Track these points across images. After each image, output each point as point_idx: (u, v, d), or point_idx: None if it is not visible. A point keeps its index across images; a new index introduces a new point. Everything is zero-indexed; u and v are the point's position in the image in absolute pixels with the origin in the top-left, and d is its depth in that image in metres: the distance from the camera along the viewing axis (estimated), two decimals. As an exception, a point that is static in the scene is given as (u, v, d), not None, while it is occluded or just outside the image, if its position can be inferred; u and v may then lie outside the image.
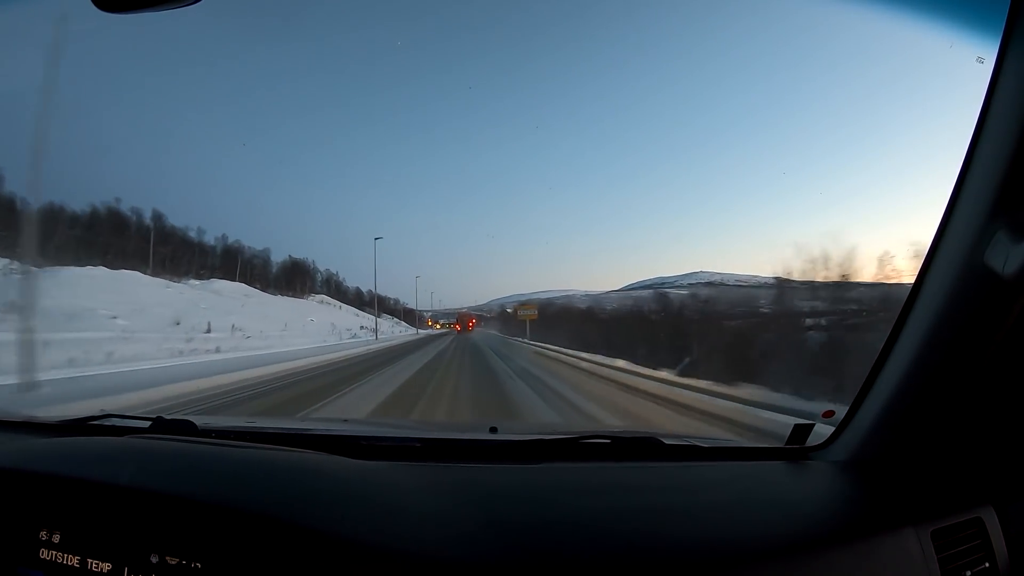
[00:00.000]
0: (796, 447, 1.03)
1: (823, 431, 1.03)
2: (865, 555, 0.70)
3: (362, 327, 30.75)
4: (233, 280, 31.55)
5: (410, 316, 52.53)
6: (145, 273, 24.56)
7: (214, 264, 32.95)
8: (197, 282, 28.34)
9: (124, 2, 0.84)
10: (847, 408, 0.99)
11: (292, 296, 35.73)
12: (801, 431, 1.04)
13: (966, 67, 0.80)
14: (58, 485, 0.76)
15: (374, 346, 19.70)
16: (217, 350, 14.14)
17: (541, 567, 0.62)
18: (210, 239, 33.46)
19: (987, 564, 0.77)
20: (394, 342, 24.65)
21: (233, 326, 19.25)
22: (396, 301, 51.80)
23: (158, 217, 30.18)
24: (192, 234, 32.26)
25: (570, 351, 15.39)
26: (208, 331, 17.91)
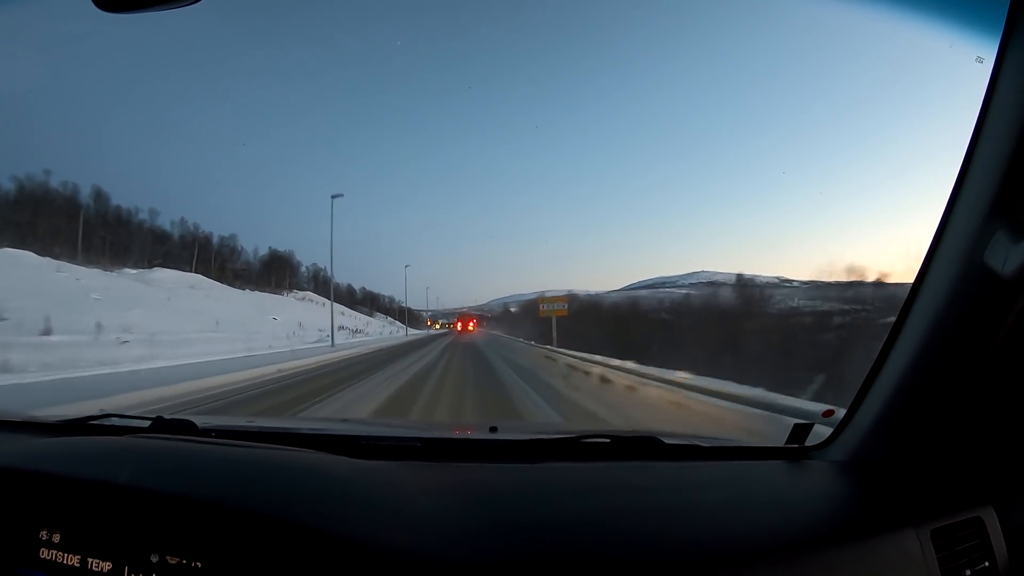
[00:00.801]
0: (796, 447, 1.03)
1: (823, 431, 1.03)
2: (865, 554, 0.70)
3: (341, 327, 25.02)
4: (188, 270, 26.62)
5: (407, 315, 47.84)
6: (72, 260, 19.99)
7: (178, 253, 27.53)
8: (132, 271, 23.69)
9: (124, 2, 0.84)
10: (847, 408, 0.99)
11: (268, 291, 31.32)
12: (801, 431, 1.04)
13: (966, 67, 0.80)
14: (58, 485, 0.76)
15: (313, 359, 12.41)
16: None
17: (541, 566, 0.62)
18: (165, 223, 28.33)
19: (987, 563, 0.77)
20: (358, 350, 16.65)
21: (99, 324, 13.27)
22: (391, 299, 47.54)
23: (100, 197, 25.08)
24: (143, 217, 27.08)
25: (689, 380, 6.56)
26: (47, 332, 11.98)
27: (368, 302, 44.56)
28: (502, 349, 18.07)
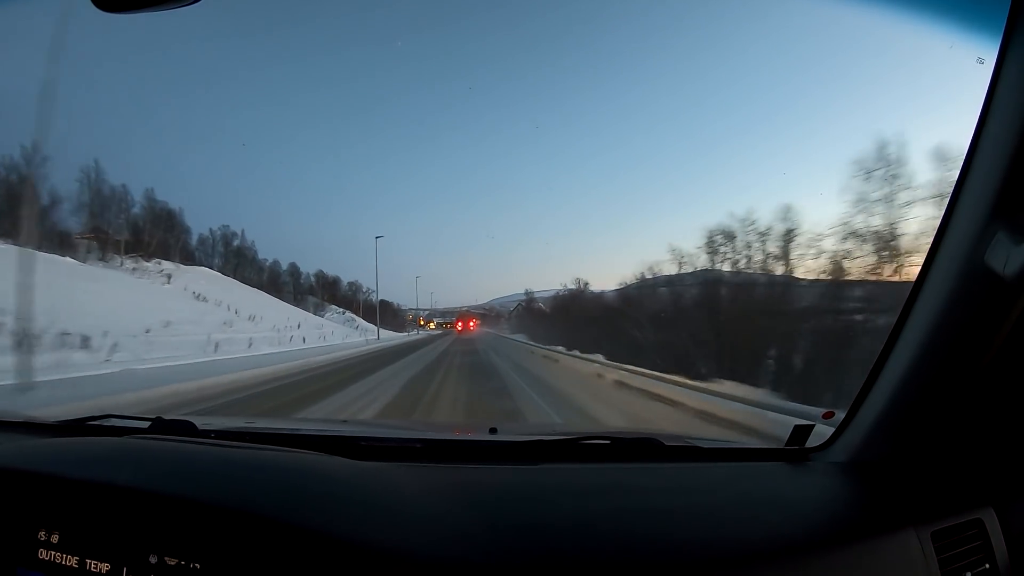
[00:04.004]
0: (796, 448, 1.03)
1: (823, 432, 1.03)
2: (865, 556, 0.70)
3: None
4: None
5: (388, 315, 34.93)
6: None
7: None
8: None
9: (124, 2, 0.84)
10: (847, 409, 0.99)
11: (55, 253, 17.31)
12: (801, 432, 1.04)
13: (966, 68, 0.80)
14: (57, 485, 0.76)
15: None
16: None
17: (541, 568, 0.62)
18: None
19: (987, 565, 0.77)
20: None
21: None
22: (357, 287, 32.90)
23: None
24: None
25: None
26: None
27: (322, 291, 32.04)
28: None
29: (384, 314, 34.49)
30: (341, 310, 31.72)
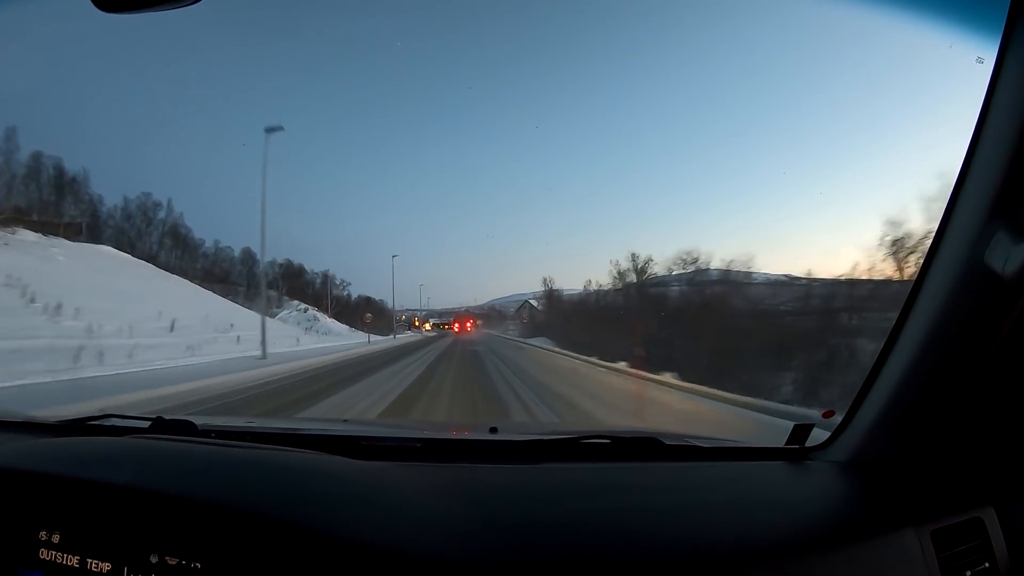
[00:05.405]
0: (796, 447, 1.03)
1: (823, 432, 1.03)
2: (865, 555, 0.70)
3: None
4: None
5: (372, 313, 27.33)
6: None
7: None
8: None
9: (124, 2, 0.84)
10: (847, 408, 0.99)
11: None
12: (801, 431, 1.04)
13: (966, 67, 0.80)
14: (58, 485, 0.76)
15: None
16: None
17: (541, 567, 0.62)
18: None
19: (987, 564, 0.77)
20: None
21: None
22: (325, 278, 26.97)
23: None
24: None
25: None
26: None
27: (283, 283, 26.23)
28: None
29: (365, 314, 27.51)
30: (303, 307, 25.64)
